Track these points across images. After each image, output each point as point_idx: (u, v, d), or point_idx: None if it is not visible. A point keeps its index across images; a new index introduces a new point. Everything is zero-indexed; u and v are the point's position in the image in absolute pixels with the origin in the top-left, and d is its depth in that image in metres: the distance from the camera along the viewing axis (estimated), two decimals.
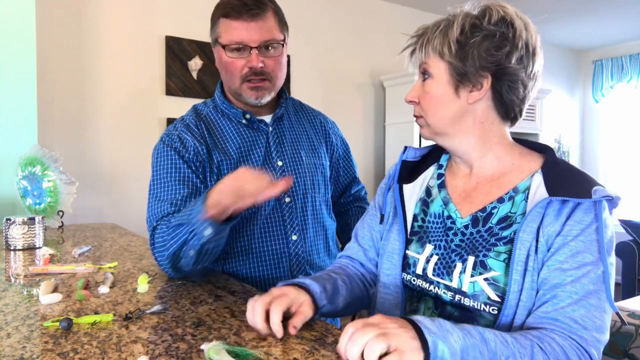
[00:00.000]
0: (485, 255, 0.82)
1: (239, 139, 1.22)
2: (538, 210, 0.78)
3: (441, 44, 0.83)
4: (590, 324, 0.73)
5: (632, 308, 1.35)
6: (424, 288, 0.88)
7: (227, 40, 1.14)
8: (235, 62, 1.15)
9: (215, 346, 0.65)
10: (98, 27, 2.67)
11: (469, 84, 0.83)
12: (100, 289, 0.96)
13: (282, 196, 1.21)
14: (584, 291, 0.74)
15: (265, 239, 1.21)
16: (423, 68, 0.87)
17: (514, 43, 0.81)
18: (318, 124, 1.39)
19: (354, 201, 1.51)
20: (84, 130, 2.64)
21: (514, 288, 0.77)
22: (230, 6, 1.13)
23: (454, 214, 0.89)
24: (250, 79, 1.16)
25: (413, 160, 1.00)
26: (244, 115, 1.23)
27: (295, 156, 1.27)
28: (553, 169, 0.83)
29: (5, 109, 1.96)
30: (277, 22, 1.17)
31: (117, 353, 0.67)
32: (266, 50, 1.15)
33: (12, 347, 0.68)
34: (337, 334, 0.75)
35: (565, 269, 0.75)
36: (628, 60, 5.04)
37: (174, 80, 2.90)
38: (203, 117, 1.25)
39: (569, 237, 0.76)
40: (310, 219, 1.27)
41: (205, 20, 1.25)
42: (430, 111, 0.88)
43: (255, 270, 1.21)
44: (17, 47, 1.99)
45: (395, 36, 4.13)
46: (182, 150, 1.17)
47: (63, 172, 1.88)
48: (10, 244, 1.43)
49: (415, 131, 3.57)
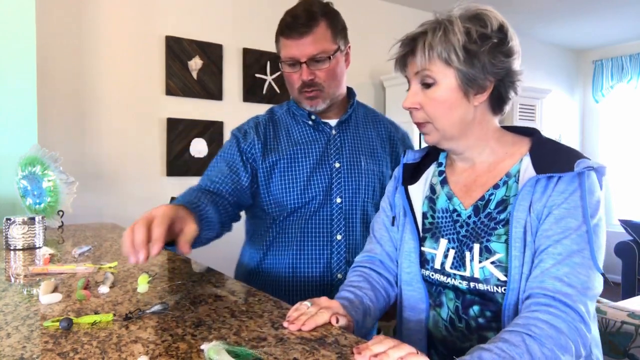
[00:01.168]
0: (488, 240, 0.86)
1: (300, 139, 1.32)
2: (527, 189, 0.83)
3: (447, 50, 0.84)
4: (575, 281, 0.76)
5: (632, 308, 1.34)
6: (442, 281, 0.92)
7: (283, 56, 1.27)
8: (292, 76, 1.28)
9: (215, 346, 0.65)
10: (98, 27, 2.67)
11: (476, 88, 0.86)
12: (100, 289, 0.96)
13: (334, 196, 1.29)
14: (567, 251, 0.78)
15: (309, 234, 1.28)
16: (425, 74, 0.87)
17: (515, 49, 0.86)
18: (385, 132, 1.45)
19: None
20: (84, 130, 2.64)
21: (515, 263, 0.81)
22: (285, 24, 1.25)
23: (458, 206, 0.93)
24: (304, 90, 1.26)
25: (414, 162, 1.04)
26: (309, 116, 1.33)
27: (354, 160, 1.34)
28: (539, 150, 0.88)
29: (5, 109, 1.96)
30: (329, 33, 1.25)
31: (117, 353, 0.67)
32: (316, 63, 1.25)
33: (12, 347, 0.68)
34: (337, 334, 0.75)
35: (550, 235, 0.79)
36: (628, 60, 5.04)
37: (174, 80, 2.90)
38: (275, 119, 1.38)
39: (553, 207, 0.81)
40: (359, 222, 1.32)
41: (205, 20, 1.27)
42: (439, 117, 0.88)
43: (294, 264, 1.27)
44: (17, 47, 1.99)
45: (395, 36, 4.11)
46: (241, 140, 1.32)
47: (63, 172, 1.88)
48: (10, 243, 1.43)
49: (415, 131, 3.57)
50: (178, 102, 2.92)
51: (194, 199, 1.10)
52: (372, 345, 0.66)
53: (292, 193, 1.28)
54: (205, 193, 1.20)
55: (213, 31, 3.01)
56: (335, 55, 1.27)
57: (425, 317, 0.95)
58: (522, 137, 0.93)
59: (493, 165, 0.92)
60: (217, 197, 1.22)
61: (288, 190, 1.29)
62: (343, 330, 0.77)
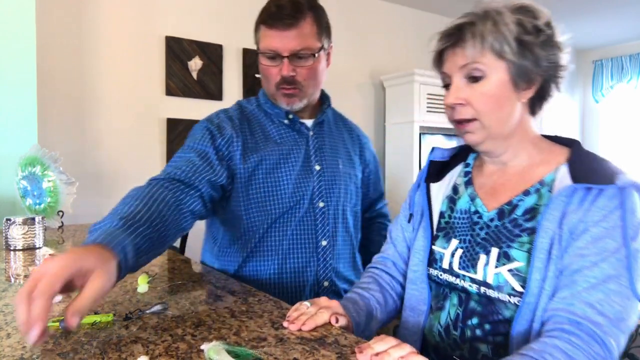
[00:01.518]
0: (509, 246, 0.81)
1: (279, 139, 1.23)
2: (562, 199, 0.76)
3: (499, 41, 0.79)
4: (608, 310, 0.68)
5: None
6: (450, 282, 0.88)
7: (263, 47, 1.17)
8: (270, 70, 1.18)
9: (215, 346, 0.65)
10: (98, 27, 2.67)
11: (525, 82, 0.82)
12: None
13: (316, 200, 1.22)
14: (603, 275, 0.70)
15: (295, 241, 1.20)
16: (474, 67, 0.81)
17: (565, 42, 0.83)
18: (355, 136, 1.41)
19: (377, 217, 1.52)
20: (84, 131, 2.64)
21: (536, 276, 0.75)
22: (268, 13, 1.15)
23: (481, 208, 0.89)
24: (282, 86, 1.18)
25: (441, 160, 1.00)
26: (287, 115, 1.24)
27: (333, 162, 1.28)
28: (579, 160, 0.81)
29: (5, 109, 1.96)
30: (314, 29, 1.17)
31: (117, 353, 0.67)
32: (298, 60, 1.16)
33: (12, 347, 0.68)
34: (337, 334, 0.75)
35: (585, 255, 0.72)
36: (628, 60, 5.04)
37: (174, 80, 2.90)
38: (247, 115, 1.26)
39: (590, 223, 0.73)
40: (340, 226, 1.27)
41: (205, 20, 1.26)
42: (488, 112, 0.83)
43: (279, 273, 1.19)
44: (17, 47, 1.99)
45: (395, 36, 4.15)
46: (217, 135, 1.17)
47: (63, 172, 1.88)
48: (10, 244, 1.43)
49: (415, 131, 3.57)
50: (178, 102, 2.92)
51: (131, 216, 0.81)
52: (373, 344, 0.66)
53: (277, 198, 1.18)
54: (163, 188, 0.97)
55: (213, 31, 3.01)
56: (319, 54, 1.19)
57: (424, 319, 0.92)
58: (559, 146, 0.88)
59: (526, 170, 0.87)
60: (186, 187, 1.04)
61: (274, 194, 1.18)
62: (343, 330, 0.77)
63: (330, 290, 1.23)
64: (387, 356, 0.64)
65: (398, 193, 3.69)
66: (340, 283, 1.25)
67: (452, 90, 0.84)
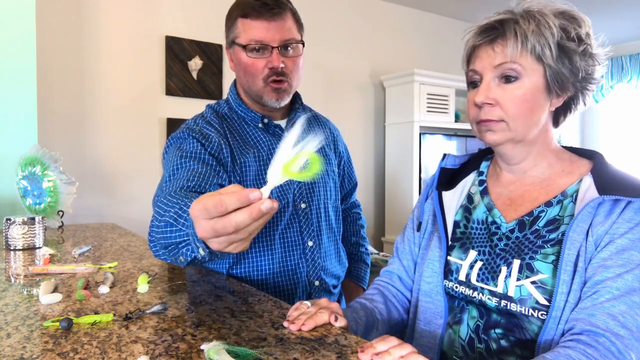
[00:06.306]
0: (532, 257, 0.78)
1: (257, 144, 1.21)
2: (589, 210, 0.75)
3: (540, 44, 0.76)
4: (631, 323, 0.67)
5: None
6: (467, 295, 0.85)
7: (247, 40, 1.12)
8: (256, 63, 1.13)
9: (215, 346, 0.65)
10: (98, 27, 2.67)
11: (559, 90, 0.80)
12: (100, 289, 0.96)
13: (298, 202, 1.21)
14: (626, 287, 0.69)
15: (283, 244, 1.19)
16: (510, 67, 0.79)
17: (603, 56, 0.82)
18: (328, 131, 1.40)
19: (351, 207, 1.54)
20: (84, 130, 2.64)
21: (562, 289, 0.73)
22: (250, 6, 1.11)
23: (499, 219, 0.86)
24: (271, 79, 1.14)
25: (452, 168, 0.98)
26: (262, 119, 1.22)
27: None
28: (603, 172, 0.80)
29: (5, 109, 1.96)
30: (295, 23, 1.16)
31: (117, 353, 0.67)
32: (285, 51, 1.14)
33: (12, 347, 0.68)
34: (337, 334, 0.75)
35: (609, 266, 0.71)
36: (628, 60, 5.04)
37: (174, 80, 2.90)
38: (224, 119, 1.22)
39: (615, 235, 0.73)
40: (324, 224, 1.27)
41: (205, 20, 1.25)
42: (518, 116, 0.80)
43: (270, 274, 1.18)
44: (17, 47, 1.99)
45: (395, 36, 4.15)
46: (205, 142, 1.12)
47: (63, 172, 1.88)
48: (10, 244, 1.43)
49: (415, 131, 3.57)
50: (178, 102, 2.92)
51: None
52: (375, 343, 0.66)
53: None
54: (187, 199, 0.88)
55: (213, 31, 3.01)
56: (303, 47, 1.18)
57: (441, 334, 0.88)
58: (580, 158, 0.86)
59: (546, 181, 0.85)
60: None
61: None
62: (343, 331, 0.77)
63: (322, 288, 1.24)
64: (387, 355, 0.64)
65: (397, 193, 3.69)
66: (329, 280, 1.27)
67: (482, 89, 0.81)
